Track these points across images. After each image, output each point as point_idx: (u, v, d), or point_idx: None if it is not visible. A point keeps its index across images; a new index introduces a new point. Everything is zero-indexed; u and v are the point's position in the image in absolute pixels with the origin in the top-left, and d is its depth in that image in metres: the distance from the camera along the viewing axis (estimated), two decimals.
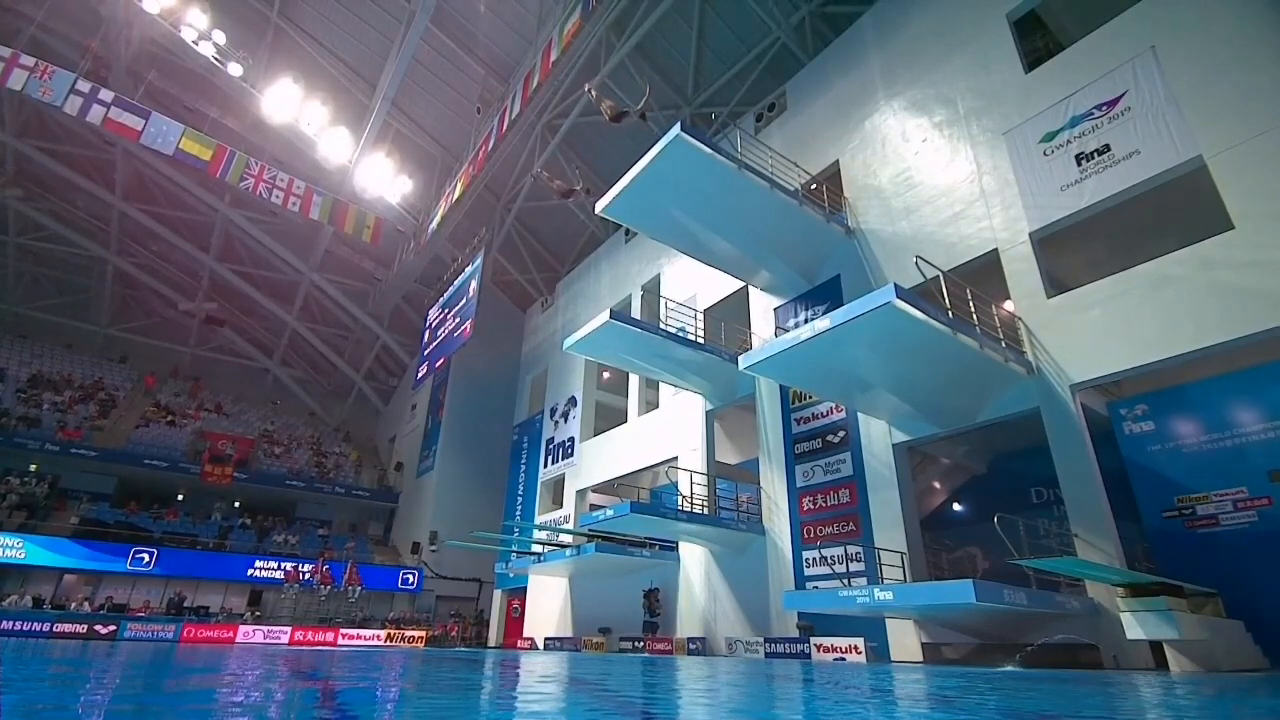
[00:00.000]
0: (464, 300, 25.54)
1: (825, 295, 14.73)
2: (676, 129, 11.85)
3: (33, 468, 24.09)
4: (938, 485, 16.37)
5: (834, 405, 14.09)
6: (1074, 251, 12.25)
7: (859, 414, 13.33)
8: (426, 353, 28.98)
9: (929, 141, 13.88)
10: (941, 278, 10.24)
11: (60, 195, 29.79)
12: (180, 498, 27.69)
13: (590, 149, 24.70)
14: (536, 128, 23.61)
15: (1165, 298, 9.81)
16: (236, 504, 28.65)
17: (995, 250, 12.02)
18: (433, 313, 29.63)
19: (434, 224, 26.22)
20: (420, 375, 29.38)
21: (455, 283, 27.33)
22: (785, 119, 17.81)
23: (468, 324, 24.41)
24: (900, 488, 12.47)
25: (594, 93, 14.51)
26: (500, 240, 28.12)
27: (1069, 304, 10.92)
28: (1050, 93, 11.90)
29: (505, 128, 21.18)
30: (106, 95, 21.55)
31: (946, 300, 10.08)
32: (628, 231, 23.11)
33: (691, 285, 19.14)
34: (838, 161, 15.82)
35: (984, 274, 12.07)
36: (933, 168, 13.60)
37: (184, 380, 34.84)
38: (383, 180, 27.03)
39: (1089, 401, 11.07)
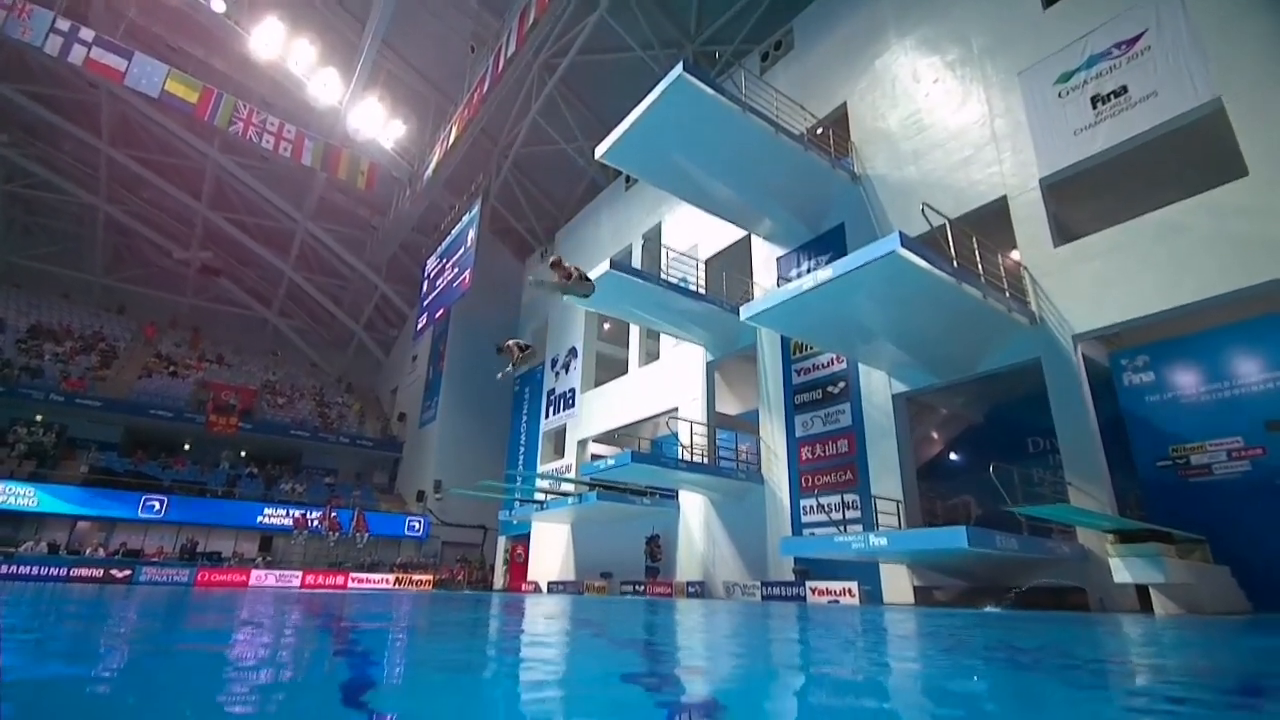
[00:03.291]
0: (462, 250, 25.23)
1: (828, 245, 14.50)
2: (679, 69, 11.40)
3: (39, 418, 24.32)
4: (935, 435, 16.53)
5: (834, 356, 14.09)
6: (1083, 200, 11.99)
7: (859, 365, 13.34)
8: (426, 303, 28.83)
9: (940, 82, 13.38)
10: (948, 226, 10.05)
11: (47, 140, 29.02)
12: (187, 447, 28.07)
13: (589, 90, 23.88)
14: (534, 67, 22.76)
15: (1172, 247, 9.66)
16: (243, 453, 29.07)
17: (1004, 197, 11.76)
18: (431, 263, 29.32)
19: (429, 170, 25.61)
20: (420, 326, 29.32)
21: (453, 232, 26.93)
22: (791, 59, 17.13)
23: (466, 274, 24.18)
24: (898, 438, 12.59)
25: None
26: (498, 187, 27.54)
27: (1075, 253, 10.77)
28: (1068, 30, 11.39)
29: (501, 67, 20.40)
30: (87, 34, 20.71)
31: (952, 249, 9.92)
32: (628, 178, 22.59)
33: (693, 234, 18.84)
34: (845, 104, 15.30)
35: (990, 222, 11.85)
36: (943, 110, 13.17)
37: (183, 331, 34.79)
38: (375, 124, 26.25)
39: (1090, 352, 11.07)
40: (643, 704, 2.06)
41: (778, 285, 14.87)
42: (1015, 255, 11.68)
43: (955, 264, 9.75)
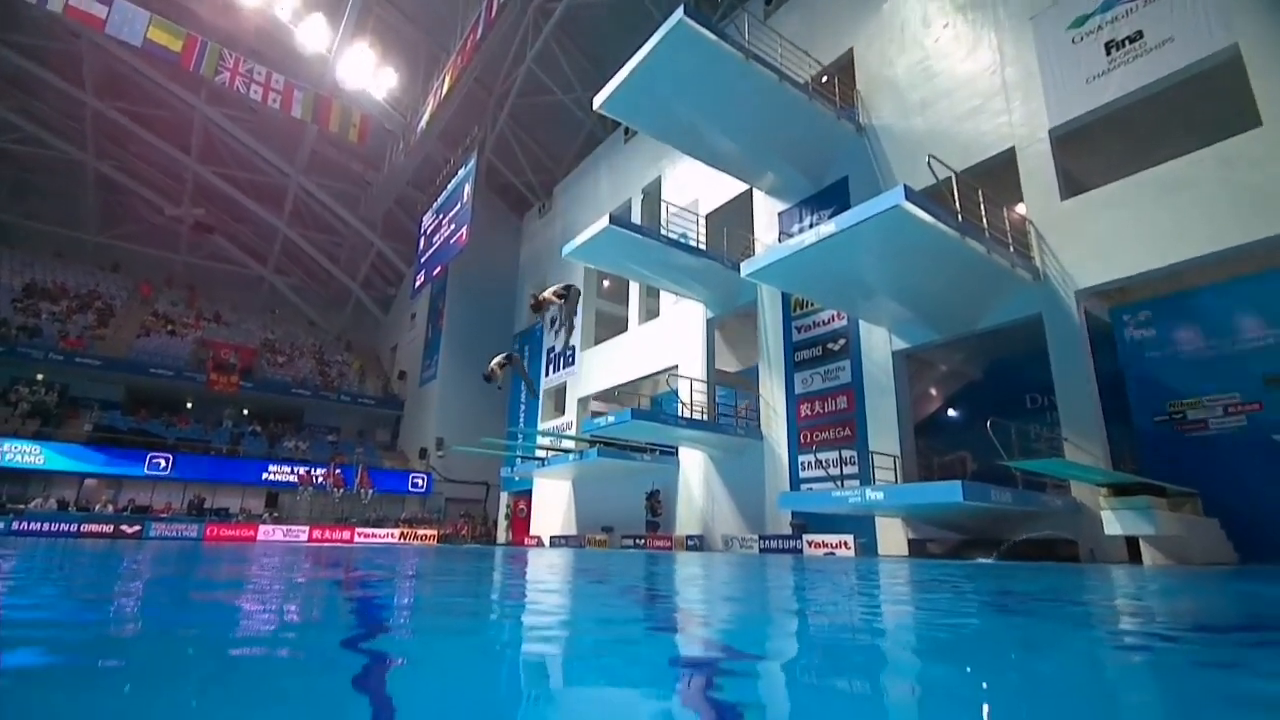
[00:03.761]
0: (458, 206, 24.81)
1: (831, 199, 14.25)
2: (679, 13, 10.97)
3: (40, 377, 24.39)
4: (934, 392, 16.61)
5: (835, 313, 14.03)
6: (1091, 152, 11.73)
7: (860, 322, 13.30)
8: (423, 260, 28.54)
9: (951, 27, 12.91)
10: (954, 178, 9.86)
11: (30, 93, 28.18)
12: (189, 406, 28.23)
13: (587, 36, 23.06)
14: (529, 12, 21.91)
15: (1180, 200, 9.50)
16: (245, 411, 29.26)
17: (1012, 149, 11.51)
18: (427, 219, 28.89)
19: (423, 122, 24.95)
20: (418, 284, 29.09)
21: (448, 187, 26.44)
22: (796, 2, 16.48)
23: (463, 230, 23.85)
24: (897, 394, 12.66)
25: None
26: (494, 140, 26.90)
27: (1082, 207, 10.61)
28: None
29: (494, 12, 19.65)
30: None
31: (957, 203, 9.75)
32: (627, 130, 22.05)
33: (694, 189, 18.50)
34: (851, 50, 14.81)
35: (997, 175, 11.62)
36: (953, 57, 12.74)
37: (179, 289, 34.55)
38: (365, 73, 25.44)
39: (1092, 307, 11.02)
40: (643, 637, 2.12)
41: (779, 241, 14.68)
42: (1021, 209, 11.50)
43: (960, 218, 9.60)
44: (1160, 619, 2.99)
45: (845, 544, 12.31)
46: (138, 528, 19.98)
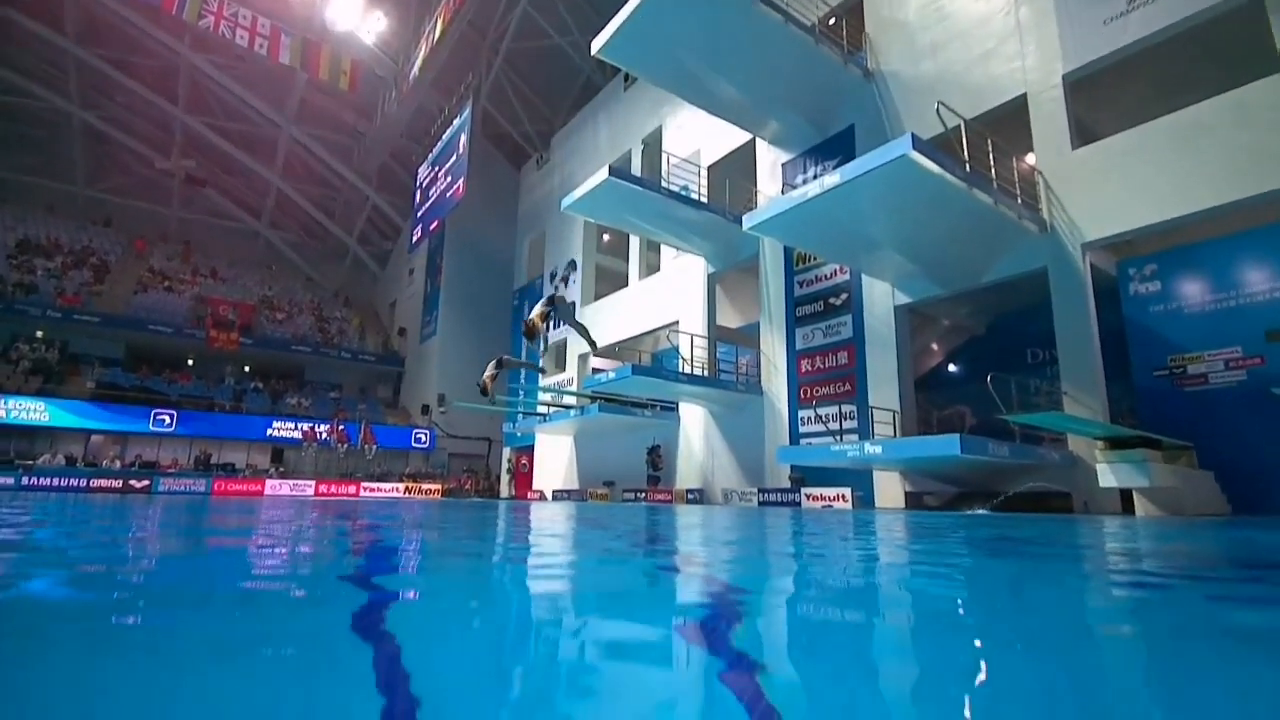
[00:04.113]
0: (454, 157, 24.25)
1: (837, 149, 13.89)
2: None
3: (39, 334, 24.35)
4: (935, 347, 16.58)
5: (837, 268, 13.87)
6: (1104, 99, 11.37)
7: (863, 276, 13.16)
8: (419, 214, 28.10)
9: None
10: (963, 126, 9.58)
11: (10, 40, 27.16)
12: (190, 362, 28.28)
13: None
14: None
15: (1194, 149, 9.26)
16: (246, 368, 29.33)
17: (1024, 95, 11.15)
18: (422, 171, 28.30)
19: (415, 68, 24.15)
20: (415, 238, 28.72)
21: (444, 137, 25.78)
22: None
23: (459, 183, 23.38)
24: (898, 349, 12.64)
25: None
26: (489, 87, 26.08)
27: (1093, 156, 10.35)
28: None
29: None
30: None
31: (965, 152, 9.51)
32: (627, 77, 21.34)
33: (695, 139, 18.03)
34: None
35: (1007, 123, 11.29)
36: None
37: (174, 245, 34.14)
38: (354, 15, 24.47)
39: (1098, 261, 10.89)
40: (644, 568, 2.16)
41: (783, 193, 14.40)
42: (1030, 159, 11.22)
43: (968, 168, 9.38)
44: (1148, 559, 3.04)
45: (843, 497, 12.50)
46: (146, 483, 20.29)
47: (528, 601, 1.62)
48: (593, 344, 8.62)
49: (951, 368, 16.43)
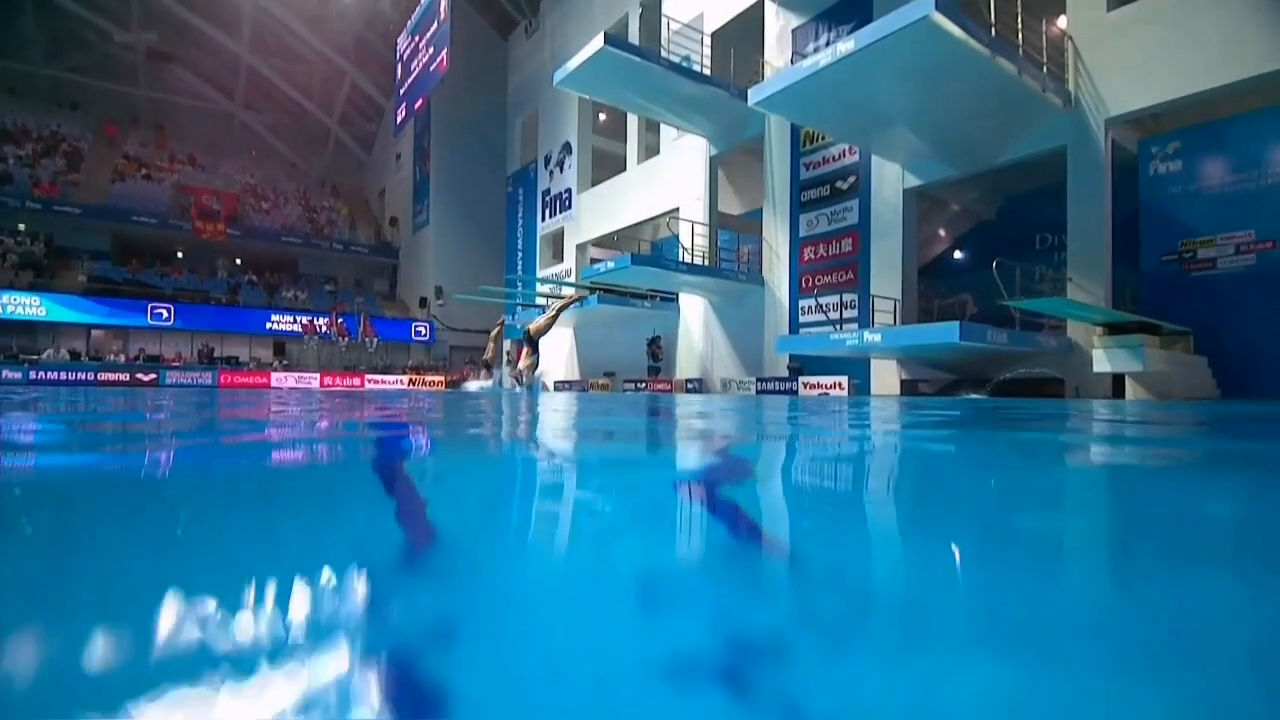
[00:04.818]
0: (435, 24, 22.36)
1: (851, 13, 12.73)
2: None
3: (21, 227, 23.71)
4: (942, 233, 16.21)
5: (846, 149, 13.23)
6: None
7: (872, 158, 12.58)
8: (402, 92, 26.39)
9: None
10: None
11: None
12: (180, 255, 27.77)
13: None
14: None
15: (1234, 15, 8.51)
16: (238, 261, 28.85)
17: None
18: (402, 41, 26.22)
19: None
20: (399, 119, 27.17)
21: (422, 1, 23.62)
22: None
23: (443, 55, 21.72)
24: (904, 235, 12.35)
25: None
26: None
27: (1129, 18, 9.56)
28: None
29: None
30: None
31: (992, 14, 8.72)
32: None
33: (698, 1, 16.49)
34: None
35: None
36: None
37: (147, 130, 32.35)
38: None
39: (1120, 138, 10.41)
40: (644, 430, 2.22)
41: (792, 64, 13.40)
42: (1062, 22, 10.34)
43: (994, 33, 8.64)
44: (1130, 427, 3.17)
45: (839, 385, 12.72)
46: (153, 376, 20.57)
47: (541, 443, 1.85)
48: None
49: (957, 255, 16.17)
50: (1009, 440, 2.50)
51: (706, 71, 14.74)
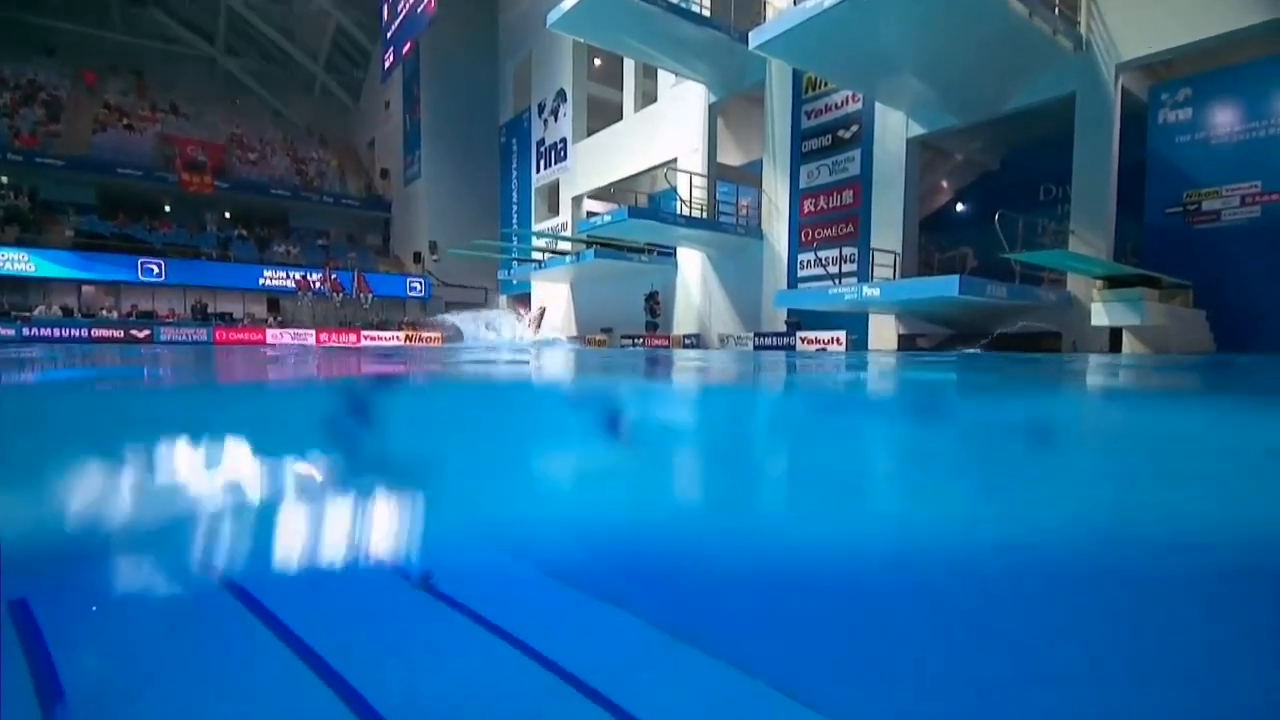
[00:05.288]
0: None
1: None
2: None
3: (3, 180, 23.13)
4: (945, 185, 15.94)
5: (849, 96, 12.87)
6: None
7: (876, 106, 12.25)
8: (389, 35, 25.36)
9: None
10: None
11: None
12: (167, 209, 27.20)
13: None
14: None
15: None
16: (227, 214, 28.29)
17: None
18: None
19: None
20: (387, 64, 26.20)
21: None
22: None
23: None
24: (906, 187, 12.14)
25: None
26: None
27: None
28: None
29: None
30: None
31: None
32: None
33: None
34: None
35: None
36: None
37: (127, 77, 31.18)
38: None
39: (1130, 84, 10.15)
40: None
41: (795, 3, 12.89)
42: None
43: None
44: (1122, 373, 3.21)
45: (837, 340, 12.74)
46: (147, 332, 20.45)
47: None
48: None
49: (959, 207, 15.95)
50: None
51: (706, 13, 14.17)
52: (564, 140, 21.52)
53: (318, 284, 24.83)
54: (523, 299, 25.08)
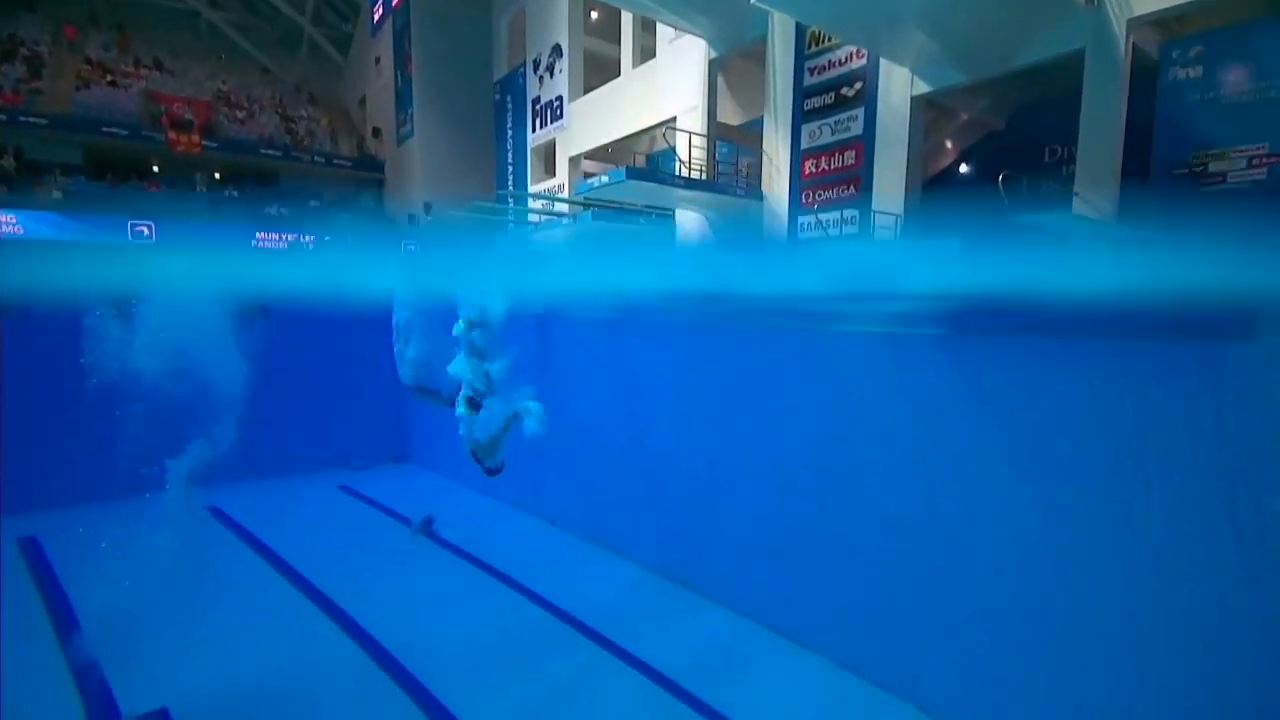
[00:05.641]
0: None
1: None
2: None
3: None
4: (948, 145, 15.71)
5: (853, 52, 12.56)
6: None
7: (880, 63, 11.97)
8: None
9: None
10: None
11: None
12: (156, 169, 26.68)
13: None
14: None
15: None
16: (216, 175, 27.77)
17: None
18: None
19: None
20: (376, 17, 25.45)
21: None
22: None
23: None
24: (909, 146, 11.97)
25: None
26: None
27: None
28: None
29: None
30: None
31: None
32: None
33: None
34: None
35: None
36: None
37: (108, 31, 30.20)
38: None
39: (1141, 40, 9.92)
40: None
41: None
42: None
43: None
44: None
45: None
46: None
47: None
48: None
49: (963, 168, 15.75)
50: None
51: None
52: (560, 98, 21.02)
53: (312, 246, 24.54)
54: None
